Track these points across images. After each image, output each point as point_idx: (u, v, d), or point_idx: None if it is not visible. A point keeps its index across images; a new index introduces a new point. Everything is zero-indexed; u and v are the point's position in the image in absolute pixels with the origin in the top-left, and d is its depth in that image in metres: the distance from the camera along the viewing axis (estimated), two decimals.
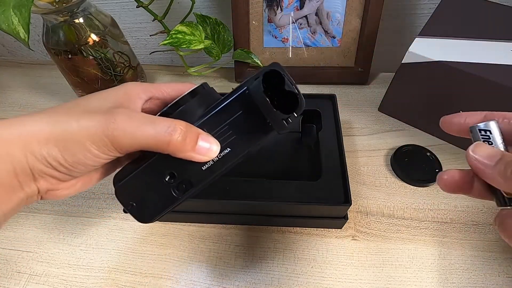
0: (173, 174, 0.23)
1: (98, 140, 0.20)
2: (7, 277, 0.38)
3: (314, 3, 0.51)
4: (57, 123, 0.20)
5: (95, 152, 0.20)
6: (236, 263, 0.38)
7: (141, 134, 0.20)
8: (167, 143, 0.20)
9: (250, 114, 0.22)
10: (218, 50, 0.53)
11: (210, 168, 0.23)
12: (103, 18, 0.47)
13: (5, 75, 0.64)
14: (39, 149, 0.19)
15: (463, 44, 0.42)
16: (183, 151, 0.21)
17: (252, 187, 0.38)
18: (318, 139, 0.42)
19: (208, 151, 0.22)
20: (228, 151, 0.23)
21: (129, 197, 0.24)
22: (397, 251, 0.38)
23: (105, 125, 0.20)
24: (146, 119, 0.21)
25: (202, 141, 0.21)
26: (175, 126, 0.20)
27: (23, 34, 0.34)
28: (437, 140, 0.49)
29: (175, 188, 0.24)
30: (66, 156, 0.20)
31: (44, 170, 0.20)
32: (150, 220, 0.24)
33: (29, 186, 0.21)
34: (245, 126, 0.23)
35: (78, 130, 0.20)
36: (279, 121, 0.22)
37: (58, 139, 0.19)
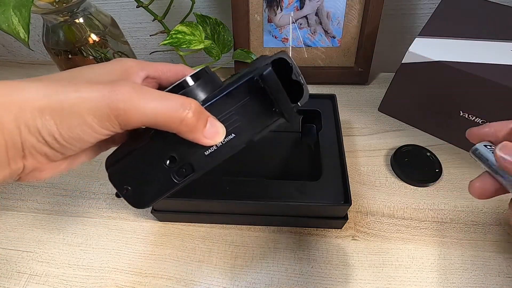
0: (173, 157, 0.22)
1: (100, 113, 0.18)
2: (7, 277, 0.38)
3: (314, 3, 0.51)
4: (54, 93, 0.17)
5: (96, 127, 0.18)
6: (236, 263, 0.38)
7: (151, 109, 0.18)
8: (180, 121, 0.19)
9: (258, 101, 0.22)
10: (218, 50, 0.53)
11: (213, 154, 0.23)
12: (103, 18, 0.47)
13: (5, 75, 0.64)
14: (33, 121, 0.17)
15: (463, 44, 0.42)
16: (194, 131, 0.20)
17: (252, 187, 0.38)
18: (318, 139, 0.42)
19: (216, 135, 0.21)
20: (233, 137, 0.22)
21: (124, 181, 0.23)
22: (397, 251, 0.38)
23: (109, 97, 0.18)
24: (157, 93, 0.19)
25: (211, 124, 0.20)
26: (190, 104, 0.19)
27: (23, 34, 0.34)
28: (437, 140, 0.49)
29: (175, 173, 0.22)
30: (62, 130, 0.18)
31: (35, 146, 0.18)
32: (146, 205, 0.23)
33: (16, 163, 0.18)
34: (251, 113, 0.22)
35: (78, 101, 0.17)
36: (290, 109, 0.21)
37: (55, 110, 0.17)
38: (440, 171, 0.44)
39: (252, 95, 0.22)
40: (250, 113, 0.22)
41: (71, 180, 0.47)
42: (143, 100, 0.18)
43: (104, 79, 0.20)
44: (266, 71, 0.21)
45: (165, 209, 0.40)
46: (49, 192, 0.46)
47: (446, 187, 0.44)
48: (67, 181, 0.47)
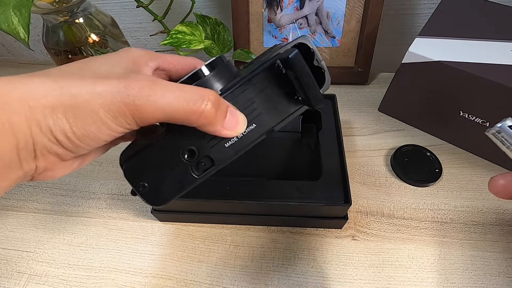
0: (192, 151, 0.21)
1: (115, 109, 0.17)
2: (7, 277, 0.38)
3: (314, 3, 0.51)
4: (65, 88, 0.16)
5: (110, 124, 0.17)
6: (236, 263, 0.38)
7: (168, 103, 0.17)
8: (199, 114, 0.18)
9: (279, 89, 0.21)
10: (218, 50, 0.53)
11: (233, 145, 0.21)
12: (103, 18, 0.47)
13: (5, 75, 0.64)
14: (45, 119, 0.16)
15: (463, 44, 0.42)
16: (214, 124, 0.19)
17: (252, 187, 0.38)
18: (318, 139, 0.42)
19: (236, 125, 0.20)
20: (254, 127, 0.21)
21: (141, 177, 0.21)
22: (397, 251, 0.38)
23: (125, 92, 0.17)
24: (173, 86, 0.18)
25: (231, 114, 0.19)
26: (208, 96, 0.18)
27: (23, 34, 0.34)
28: (437, 140, 0.49)
29: (194, 167, 0.21)
30: (75, 128, 0.17)
31: (47, 146, 0.17)
32: (164, 202, 0.22)
33: (29, 164, 0.17)
34: (273, 102, 0.21)
35: (91, 97, 0.16)
36: (318, 94, 0.20)
37: (67, 107, 0.16)
38: (440, 171, 0.44)
39: (273, 83, 0.21)
40: (272, 102, 0.21)
41: (71, 180, 0.47)
42: (159, 95, 0.17)
43: (114, 71, 0.19)
44: (293, 53, 0.19)
45: (165, 209, 0.40)
46: (49, 192, 0.46)
47: (446, 187, 0.44)
48: (67, 181, 0.47)
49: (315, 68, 0.20)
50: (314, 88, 0.20)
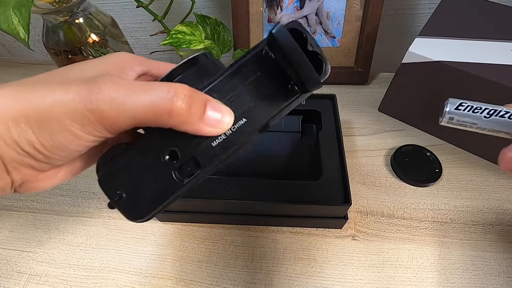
0: (174, 152, 0.18)
1: (80, 117, 0.15)
2: (7, 277, 0.38)
3: (314, 3, 0.51)
4: (26, 98, 0.15)
5: (78, 133, 0.16)
6: (236, 263, 0.38)
7: (134, 104, 0.16)
8: (168, 112, 0.16)
9: (270, 77, 0.18)
10: (218, 50, 0.53)
11: (222, 144, 0.19)
12: (103, 18, 0.47)
13: (5, 75, 0.64)
14: (8, 132, 0.15)
15: (463, 44, 0.42)
16: (190, 122, 0.17)
17: (252, 187, 0.38)
18: (318, 139, 0.42)
19: (219, 121, 0.18)
20: (244, 122, 0.19)
21: (117, 186, 0.19)
22: (397, 251, 0.38)
23: (87, 96, 0.15)
24: (139, 85, 0.16)
25: (212, 109, 0.17)
26: (176, 90, 0.16)
27: (23, 34, 0.34)
28: (437, 140, 0.49)
29: (177, 171, 0.19)
30: (42, 139, 0.15)
31: (16, 159, 0.16)
32: (143, 215, 0.19)
33: (2, 178, 0.16)
34: (264, 92, 0.19)
35: (54, 106, 0.15)
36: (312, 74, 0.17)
37: (30, 118, 0.15)
38: (440, 171, 0.44)
39: (263, 72, 0.18)
40: (263, 93, 0.19)
41: (71, 180, 0.47)
42: (124, 96, 0.16)
43: (84, 75, 0.18)
44: (276, 28, 0.17)
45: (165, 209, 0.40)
46: (49, 192, 0.46)
47: (446, 187, 0.44)
48: (67, 181, 0.47)
49: (310, 54, 0.18)
50: (305, 65, 0.17)
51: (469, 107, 0.18)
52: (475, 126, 0.18)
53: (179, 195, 0.19)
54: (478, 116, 0.18)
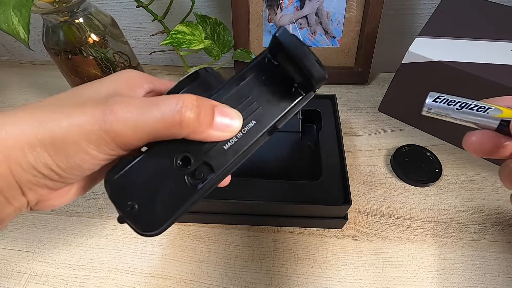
0: (187, 158, 0.18)
1: (95, 138, 0.16)
2: (7, 277, 0.38)
3: (314, 3, 0.51)
4: (42, 123, 0.16)
5: (94, 154, 0.17)
6: (236, 263, 0.38)
7: (146, 121, 0.16)
8: (178, 124, 0.16)
9: (275, 81, 0.20)
10: (218, 50, 0.53)
11: (233, 147, 0.19)
12: (103, 18, 0.47)
13: (5, 75, 0.64)
14: (24, 157, 0.16)
15: (463, 44, 0.42)
16: (200, 130, 0.17)
17: (252, 187, 0.38)
18: (318, 139, 0.42)
19: (229, 125, 0.18)
20: (253, 124, 0.19)
21: (128, 197, 0.18)
22: (397, 251, 0.38)
23: (101, 118, 0.16)
24: (148, 101, 0.17)
25: (220, 114, 0.18)
26: (184, 101, 0.16)
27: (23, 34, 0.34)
28: (437, 140, 0.49)
29: (190, 177, 0.18)
30: (58, 161, 0.16)
31: (32, 181, 0.17)
32: (157, 227, 0.18)
33: (18, 200, 0.17)
34: (270, 95, 0.20)
35: (70, 129, 0.16)
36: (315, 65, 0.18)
37: (45, 141, 0.16)
38: (440, 171, 0.44)
39: (267, 76, 0.20)
40: (268, 96, 0.20)
41: None
42: (135, 114, 0.16)
43: (96, 96, 0.18)
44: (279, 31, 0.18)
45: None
46: None
47: (446, 187, 0.44)
48: None
49: None
50: (311, 59, 0.18)
51: (445, 100, 0.20)
52: (449, 117, 0.21)
53: (194, 202, 0.19)
54: (451, 108, 0.20)
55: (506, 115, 0.19)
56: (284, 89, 0.20)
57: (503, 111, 0.19)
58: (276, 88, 0.20)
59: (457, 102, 0.20)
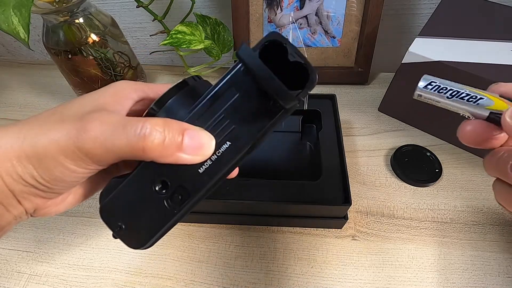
0: (164, 182, 0.19)
1: (71, 153, 0.17)
2: (7, 277, 0.38)
3: (314, 3, 0.51)
4: (26, 138, 0.17)
5: (72, 168, 0.17)
6: (236, 263, 0.38)
7: (113, 143, 0.17)
8: (142, 150, 0.17)
9: (250, 96, 0.18)
10: (218, 50, 0.53)
11: (208, 170, 0.19)
12: (103, 18, 0.47)
13: (5, 75, 0.64)
14: (13, 168, 0.17)
15: (463, 44, 0.42)
16: (166, 155, 0.17)
17: (252, 187, 0.38)
18: (318, 139, 0.42)
19: (199, 148, 0.18)
20: (228, 145, 0.18)
21: (116, 218, 0.20)
22: (397, 251, 0.38)
23: (75, 135, 0.17)
24: (119, 123, 0.17)
25: (189, 137, 0.17)
26: (148, 127, 0.17)
27: (23, 34, 0.34)
28: (437, 140, 0.49)
29: (169, 200, 0.19)
30: (42, 173, 0.17)
31: (24, 190, 0.18)
32: (143, 244, 0.20)
33: (15, 208, 0.19)
34: (245, 112, 0.18)
35: (48, 144, 0.17)
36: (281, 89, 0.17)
37: (30, 155, 0.17)
38: (440, 171, 0.44)
39: (242, 91, 0.18)
40: (245, 113, 0.18)
41: None
42: (105, 135, 0.17)
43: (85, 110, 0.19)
44: (240, 47, 0.17)
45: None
46: None
47: (446, 187, 0.44)
48: None
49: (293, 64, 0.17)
50: (271, 80, 0.16)
51: (436, 87, 0.20)
52: (440, 104, 0.20)
53: (175, 222, 0.20)
54: (442, 96, 0.20)
55: (496, 107, 0.18)
56: (261, 103, 0.18)
57: (495, 102, 0.18)
58: (253, 103, 0.18)
59: (448, 90, 0.19)
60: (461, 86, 0.20)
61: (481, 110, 0.19)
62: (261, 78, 0.17)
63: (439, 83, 0.20)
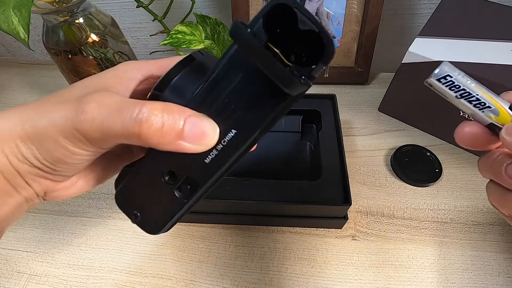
0: (172, 173, 0.19)
1: (69, 135, 0.16)
2: (7, 277, 0.38)
3: (314, 3, 0.51)
4: (28, 119, 0.17)
5: (71, 149, 0.17)
6: (236, 263, 0.38)
7: (109, 126, 0.16)
8: (137, 136, 0.15)
9: (254, 77, 0.16)
10: (218, 50, 0.53)
11: (215, 160, 0.18)
12: (103, 18, 0.47)
13: (5, 75, 0.64)
14: (18, 149, 0.17)
15: (463, 44, 0.42)
16: (165, 142, 0.16)
17: (252, 187, 0.38)
18: (318, 139, 0.42)
19: (201, 137, 0.16)
20: (234, 133, 0.17)
21: (131, 206, 0.20)
22: (397, 251, 0.38)
23: (73, 116, 0.16)
24: (115, 105, 0.16)
25: (190, 125, 0.16)
26: (145, 112, 0.15)
27: (23, 34, 0.34)
28: (437, 140, 0.49)
29: (178, 190, 0.19)
30: (44, 155, 0.17)
31: (31, 171, 0.18)
32: (158, 230, 0.20)
33: (24, 188, 0.18)
34: (250, 96, 0.16)
35: (47, 125, 0.17)
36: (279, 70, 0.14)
37: (31, 136, 0.17)
38: (440, 171, 0.44)
39: (244, 71, 0.16)
40: (250, 97, 0.16)
41: None
42: (102, 117, 0.16)
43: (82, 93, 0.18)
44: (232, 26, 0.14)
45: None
46: None
47: (446, 187, 0.44)
48: None
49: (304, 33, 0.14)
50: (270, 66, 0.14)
51: (449, 83, 0.19)
52: (446, 98, 0.20)
53: (187, 209, 0.20)
54: (452, 93, 0.19)
55: (499, 120, 0.18)
56: (268, 86, 0.15)
57: (500, 114, 0.18)
58: (258, 87, 0.16)
59: (460, 90, 0.19)
60: (475, 88, 0.19)
61: (484, 117, 0.19)
62: (259, 63, 0.14)
63: (454, 79, 0.19)
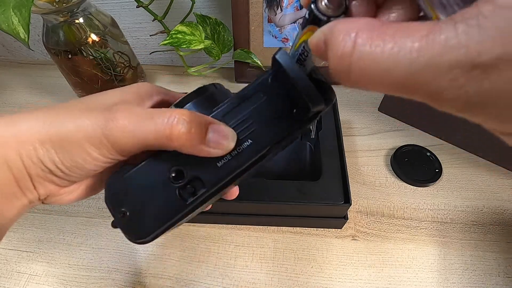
0: (180, 171, 0.19)
1: (97, 141, 0.17)
2: (7, 277, 0.38)
3: None
4: (53, 123, 0.18)
5: (95, 155, 0.18)
6: (236, 263, 0.38)
7: (141, 131, 0.17)
8: (168, 137, 0.17)
9: (276, 103, 0.19)
10: (218, 50, 0.53)
11: (227, 165, 0.19)
12: (103, 18, 0.47)
13: (5, 75, 0.64)
14: (35, 152, 0.17)
15: None
16: (190, 145, 0.18)
17: (252, 187, 0.38)
18: (318, 139, 0.42)
19: (223, 141, 0.18)
20: (249, 143, 0.19)
21: (122, 204, 0.19)
22: (397, 251, 0.38)
23: (104, 124, 0.17)
24: (146, 113, 0.18)
25: (213, 130, 0.18)
26: (176, 116, 0.17)
27: (23, 34, 0.34)
28: (437, 140, 0.49)
29: (181, 190, 0.19)
30: (63, 159, 0.18)
31: (40, 175, 0.18)
32: (145, 236, 0.19)
33: (31, 192, 0.19)
34: (269, 116, 0.19)
35: (75, 131, 0.17)
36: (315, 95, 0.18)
37: (54, 140, 0.17)
38: (440, 171, 0.44)
39: (268, 97, 0.19)
40: (268, 118, 0.19)
41: None
42: (134, 124, 0.17)
43: (105, 103, 0.19)
44: (278, 52, 0.18)
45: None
46: None
47: (446, 187, 0.44)
48: None
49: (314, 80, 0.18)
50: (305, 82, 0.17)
51: None
52: None
53: (183, 216, 0.19)
54: None
55: None
56: (285, 112, 0.19)
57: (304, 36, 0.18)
58: (277, 110, 0.19)
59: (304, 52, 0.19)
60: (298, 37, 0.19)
61: None
62: (297, 80, 0.17)
63: None
